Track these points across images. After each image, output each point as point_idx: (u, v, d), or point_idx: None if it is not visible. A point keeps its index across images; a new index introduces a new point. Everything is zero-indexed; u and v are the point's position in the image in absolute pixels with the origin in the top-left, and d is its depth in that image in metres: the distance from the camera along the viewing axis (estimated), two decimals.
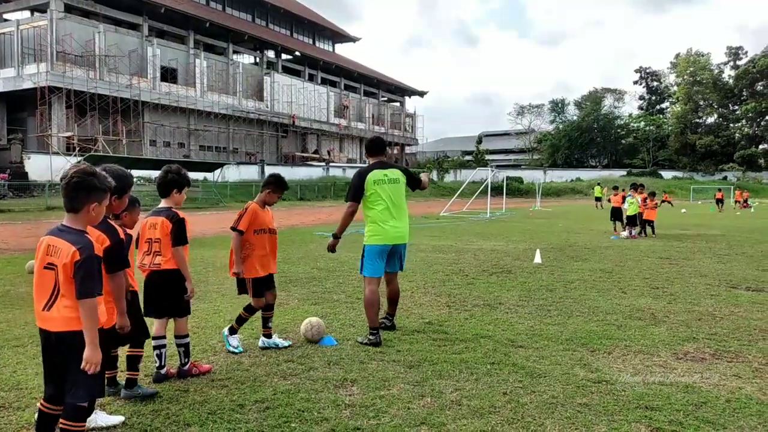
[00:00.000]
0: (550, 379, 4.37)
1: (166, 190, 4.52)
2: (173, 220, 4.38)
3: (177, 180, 4.53)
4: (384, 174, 5.57)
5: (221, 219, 24.33)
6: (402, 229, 5.60)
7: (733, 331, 5.86)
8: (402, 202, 5.63)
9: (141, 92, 47.81)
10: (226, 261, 10.62)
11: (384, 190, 5.52)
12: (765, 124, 78.56)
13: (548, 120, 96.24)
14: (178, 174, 4.56)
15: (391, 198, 5.54)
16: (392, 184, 5.58)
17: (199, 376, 4.48)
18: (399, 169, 5.73)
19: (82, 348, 2.86)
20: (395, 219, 5.54)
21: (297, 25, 74.95)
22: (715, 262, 11.28)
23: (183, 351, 4.54)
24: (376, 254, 5.51)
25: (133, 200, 4.07)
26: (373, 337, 5.29)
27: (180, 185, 4.55)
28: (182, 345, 4.53)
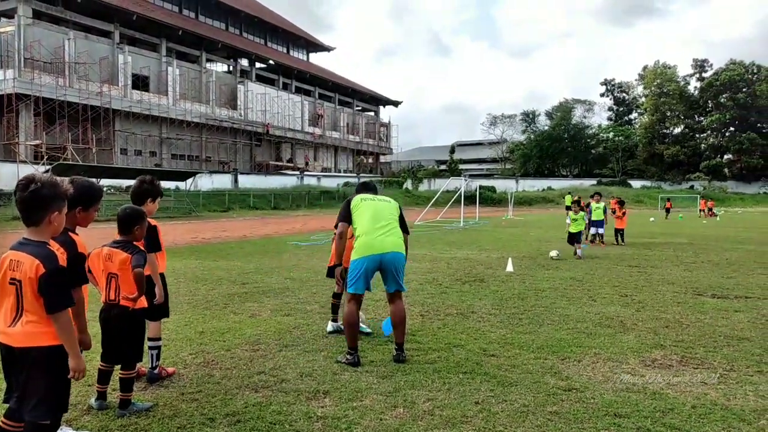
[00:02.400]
0: (521, 388, 4.42)
1: (141, 199, 4.62)
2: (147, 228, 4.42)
3: (151, 190, 4.69)
4: (372, 196, 5.44)
5: (193, 229, 24.05)
6: (384, 239, 5.14)
7: (699, 338, 5.99)
8: (390, 218, 5.26)
9: (112, 100, 47.16)
10: (198, 272, 10.57)
11: (370, 206, 5.27)
12: (729, 135, 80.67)
13: (520, 130, 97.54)
14: (152, 184, 4.73)
15: (378, 212, 5.24)
16: (381, 202, 5.36)
17: (168, 387, 4.44)
18: (391, 199, 5.52)
19: (45, 364, 2.81)
20: (381, 230, 5.15)
21: (271, 34, 74.83)
22: (682, 270, 11.52)
23: (155, 354, 4.61)
24: (359, 269, 5.12)
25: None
26: (351, 357, 5.05)
27: (154, 195, 4.71)
28: (155, 348, 4.61)
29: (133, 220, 4.14)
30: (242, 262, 12.19)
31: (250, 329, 6.28)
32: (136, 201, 4.59)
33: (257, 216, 38.22)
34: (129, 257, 3.94)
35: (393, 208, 5.37)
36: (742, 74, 78.10)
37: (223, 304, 7.76)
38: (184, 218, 33.00)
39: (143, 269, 3.98)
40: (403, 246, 5.30)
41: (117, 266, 3.96)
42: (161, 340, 4.73)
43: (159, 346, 4.66)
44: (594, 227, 17.30)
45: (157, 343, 4.64)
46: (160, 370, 4.66)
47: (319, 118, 74.32)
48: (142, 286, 3.98)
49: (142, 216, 4.20)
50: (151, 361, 4.63)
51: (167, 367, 4.83)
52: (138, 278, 3.94)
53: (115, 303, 3.99)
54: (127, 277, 3.96)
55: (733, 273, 11.04)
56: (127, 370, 4.03)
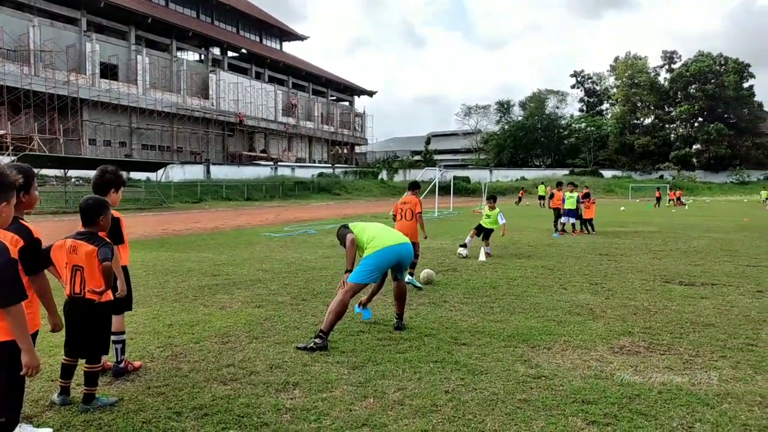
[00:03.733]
0: (491, 376, 4.43)
1: (104, 190, 4.51)
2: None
3: (114, 180, 4.58)
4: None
5: (164, 221, 23.69)
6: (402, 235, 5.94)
7: (666, 325, 6.09)
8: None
9: (79, 89, 46.06)
10: (168, 264, 10.40)
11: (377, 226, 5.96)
12: (698, 125, 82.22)
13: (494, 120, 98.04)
14: (115, 174, 4.62)
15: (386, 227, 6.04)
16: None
17: (134, 381, 4.35)
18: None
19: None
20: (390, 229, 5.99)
21: (243, 23, 73.81)
22: (650, 258, 11.72)
23: (120, 348, 4.53)
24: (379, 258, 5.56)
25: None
26: (320, 341, 5.13)
27: (117, 185, 4.60)
28: (119, 342, 4.53)
29: (97, 210, 4.03)
30: (213, 254, 12.03)
31: (220, 321, 6.19)
32: (99, 191, 4.46)
33: (230, 207, 37.83)
34: (95, 249, 3.84)
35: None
36: (710, 66, 79.57)
37: (193, 296, 7.64)
38: (155, 210, 32.50)
39: (111, 262, 3.88)
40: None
41: (83, 259, 3.85)
42: (125, 334, 4.64)
43: (123, 340, 4.57)
44: (566, 216, 17.49)
45: (122, 336, 4.55)
46: (126, 363, 4.58)
47: (293, 107, 73.67)
48: (109, 279, 3.88)
49: (106, 205, 4.09)
50: (116, 355, 4.54)
51: (134, 360, 4.74)
52: (106, 271, 3.84)
53: (80, 296, 3.89)
54: (93, 269, 3.86)
55: (700, 261, 11.26)
56: (92, 364, 3.93)
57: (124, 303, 4.50)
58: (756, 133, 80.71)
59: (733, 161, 78.87)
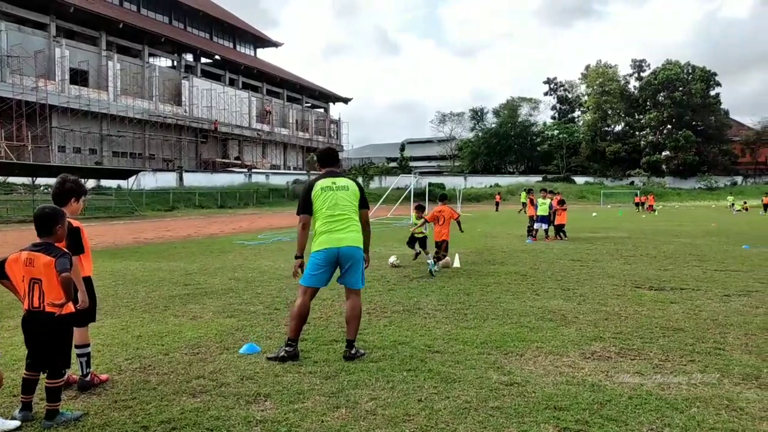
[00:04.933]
0: (464, 384, 4.42)
1: (65, 199, 4.40)
2: (68, 229, 4.21)
3: (75, 189, 4.47)
4: (332, 181, 5.28)
5: (135, 229, 23.33)
6: (342, 233, 5.14)
7: (637, 330, 6.16)
8: (347, 208, 5.22)
9: (48, 95, 45.23)
10: (138, 274, 10.22)
11: (328, 198, 5.19)
12: (666, 132, 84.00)
13: (468, 128, 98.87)
14: (76, 183, 4.53)
15: (336, 203, 5.18)
16: (337, 191, 5.24)
17: (100, 395, 4.25)
18: (351, 180, 5.40)
19: None
20: (336, 222, 5.15)
21: (217, 29, 73.31)
22: (621, 263, 11.88)
23: (84, 361, 4.41)
24: (316, 262, 5.14)
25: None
26: (290, 349, 5.02)
27: (78, 194, 4.49)
28: (83, 355, 4.40)
29: (52, 219, 3.92)
30: (185, 263, 11.86)
31: (191, 332, 6.09)
32: (60, 201, 4.35)
33: (203, 215, 37.42)
34: (53, 260, 3.74)
35: (351, 196, 5.27)
36: (678, 74, 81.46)
37: (163, 306, 7.51)
38: (126, 218, 31.98)
39: (70, 273, 3.79)
40: (360, 240, 5.25)
41: (40, 271, 3.75)
42: (90, 346, 4.51)
43: (88, 353, 4.45)
44: (539, 223, 17.66)
45: (86, 349, 4.43)
46: (92, 377, 4.46)
47: (267, 114, 73.30)
48: (69, 290, 3.78)
49: (62, 214, 4.00)
50: (81, 368, 4.42)
51: (100, 373, 4.63)
52: (65, 283, 3.74)
53: (39, 310, 3.78)
54: (52, 281, 3.75)
55: (669, 265, 11.45)
56: (53, 378, 3.82)
57: (88, 315, 4.38)
58: (723, 140, 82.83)
59: (701, 167, 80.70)
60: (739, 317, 6.73)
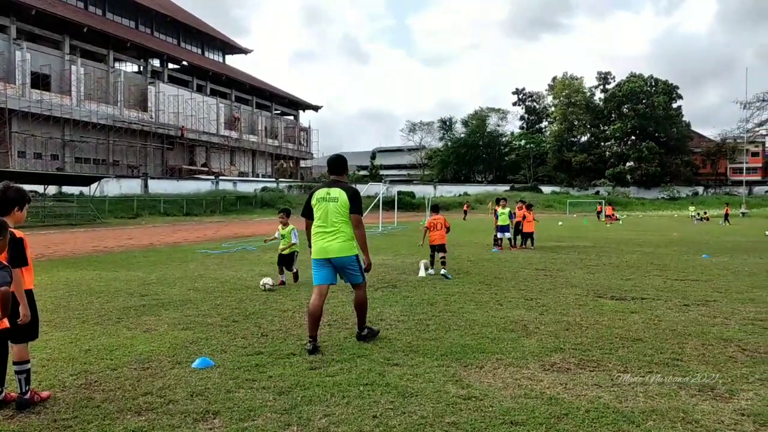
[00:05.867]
0: (421, 398, 4.33)
1: (7, 208, 4.20)
2: (10, 240, 4.00)
3: (17, 197, 4.26)
4: (327, 192, 5.86)
5: (96, 237, 22.73)
6: (325, 244, 5.78)
7: (597, 341, 6.16)
8: (336, 219, 5.77)
9: (8, 99, 44.03)
10: (94, 284, 9.88)
11: (321, 209, 5.83)
12: (630, 143, 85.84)
13: (438, 137, 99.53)
14: (19, 191, 4.31)
15: (326, 215, 5.79)
16: (329, 201, 5.81)
17: (40, 413, 4.03)
18: (344, 190, 5.83)
19: None
20: (325, 234, 5.80)
21: (185, 34, 72.47)
22: (585, 272, 11.97)
23: (24, 378, 4.19)
24: (314, 265, 5.93)
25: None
26: (309, 345, 5.65)
27: (21, 202, 4.29)
28: (22, 372, 4.19)
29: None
30: (144, 273, 11.54)
31: (143, 345, 5.87)
32: (2, 211, 4.14)
33: (167, 223, 36.73)
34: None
35: (341, 206, 5.79)
36: (641, 86, 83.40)
37: (116, 318, 7.25)
38: (88, 226, 31.18)
39: (9, 287, 3.59)
40: (348, 248, 5.83)
41: None
42: (29, 363, 4.28)
43: (27, 370, 4.22)
44: (501, 232, 17.72)
45: (25, 366, 4.20)
46: (32, 394, 4.23)
47: (236, 121, 72.60)
48: (7, 306, 3.58)
49: (4, 226, 3.79)
50: (19, 386, 4.19)
51: (41, 391, 4.40)
52: (4, 298, 3.54)
53: None
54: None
55: (631, 275, 11.57)
56: None
57: (28, 331, 4.17)
58: (684, 151, 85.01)
59: (664, 178, 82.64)
60: (697, 327, 6.79)
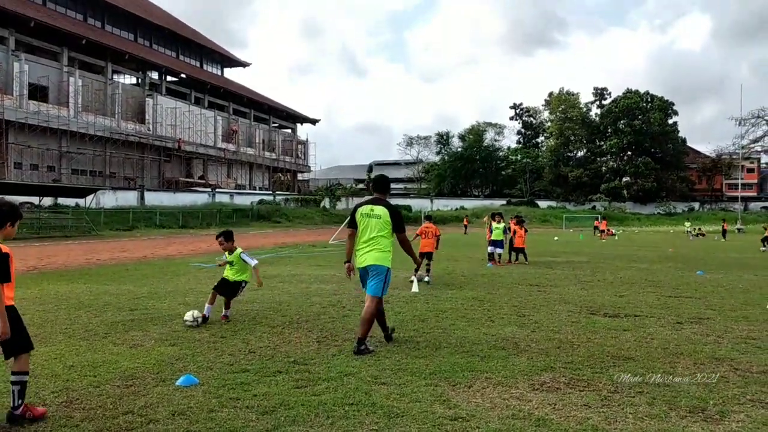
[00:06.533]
0: (407, 419, 4.25)
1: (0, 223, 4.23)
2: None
3: (10, 213, 4.29)
4: (371, 209, 6.54)
5: (90, 249, 22.62)
6: (364, 255, 6.48)
7: (588, 359, 6.09)
8: (375, 234, 6.46)
9: (5, 110, 44.04)
10: (83, 298, 9.79)
11: (363, 223, 6.53)
12: (626, 158, 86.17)
13: (435, 151, 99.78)
14: (12, 207, 4.35)
15: (366, 228, 6.50)
16: (372, 218, 6.48)
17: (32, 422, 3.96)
18: (387, 208, 6.53)
19: None
20: (365, 246, 6.49)
21: (183, 47, 72.76)
22: (579, 288, 11.92)
23: (18, 390, 4.17)
24: (360, 276, 6.64)
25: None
26: (360, 346, 6.19)
27: (14, 218, 4.31)
28: (17, 383, 4.18)
29: None
30: (135, 286, 11.45)
31: (128, 362, 5.79)
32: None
33: (163, 235, 36.61)
34: None
35: (383, 223, 6.47)
36: (637, 102, 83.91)
37: (103, 333, 7.17)
38: (82, 238, 31.05)
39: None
40: (383, 259, 6.46)
41: None
42: (27, 376, 4.29)
43: (22, 382, 4.21)
44: (493, 247, 17.67)
45: (21, 378, 4.21)
46: (24, 409, 4.17)
47: (234, 134, 72.71)
48: None
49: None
50: (12, 398, 4.18)
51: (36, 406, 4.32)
52: None
53: None
54: None
55: (625, 291, 11.52)
56: None
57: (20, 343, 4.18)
58: (680, 167, 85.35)
59: (660, 193, 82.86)
60: (690, 346, 6.73)
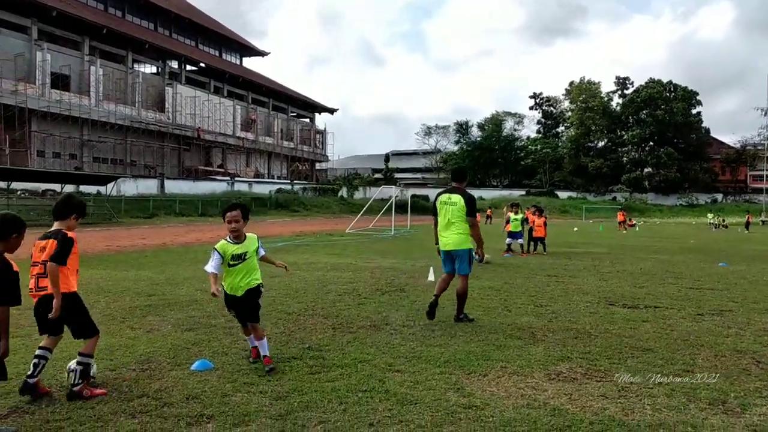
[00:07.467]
0: (420, 406, 4.22)
1: (66, 213, 4.54)
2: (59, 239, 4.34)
3: (79, 205, 4.67)
4: (448, 197, 7.33)
5: (111, 236, 22.90)
6: (446, 239, 7.29)
7: (606, 350, 6.00)
8: (454, 219, 7.20)
9: (28, 99, 44.59)
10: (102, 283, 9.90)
11: (441, 210, 7.35)
12: (648, 149, 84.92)
13: (453, 140, 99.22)
14: (80, 200, 4.80)
15: (446, 215, 7.27)
16: (450, 205, 7.25)
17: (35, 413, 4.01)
18: (462, 195, 7.24)
19: None
20: (445, 231, 7.31)
21: (203, 36, 73.02)
22: (597, 279, 11.77)
23: (81, 370, 4.36)
24: (442, 257, 7.49)
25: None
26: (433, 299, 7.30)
27: (81, 212, 4.65)
28: (82, 364, 4.38)
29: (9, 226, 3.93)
30: (153, 272, 11.55)
31: (144, 346, 5.83)
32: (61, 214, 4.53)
33: (182, 223, 36.96)
34: None
35: (459, 209, 7.20)
36: (660, 92, 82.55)
37: (121, 318, 7.24)
38: (103, 225, 31.45)
39: None
40: (463, 242, 7.21)
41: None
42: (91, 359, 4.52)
43: (86, 363, 4.42)
44: (512, 238, 17.54)
45: (85, 359, 4.42)
46: (83, 388, 4.32)
47: (252, 123, 72.97)
48: None
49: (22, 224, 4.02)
50: (73, 377, 4.37)
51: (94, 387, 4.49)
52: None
53: None
54: None
55: (645, 282, 11.35)
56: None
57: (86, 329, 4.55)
58: (704, 157, 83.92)
59: (682, 184, 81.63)
60: (710, 337, 6.60)
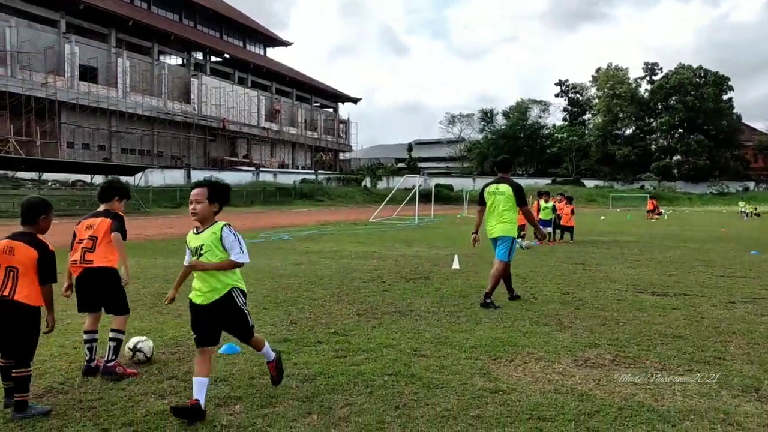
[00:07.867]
0: (446, 390, 4.22)
1: (109, 196, 4.87)
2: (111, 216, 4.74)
3: (121, 188, 5.02)
4: (496, 187, 7.60)
5: (139, 225, 23.28)
6: (492, 228, 7.60)
7: (635, 336, 5.92)
8: (501, 208, 7.50)
9: (57, 91, 45.38)
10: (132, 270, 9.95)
11: (490, 199, 7.61)
12: (678, 136, 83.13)
13: (478, 129, 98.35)
14: (122, 184, 5.21)
15: (494, 204, 7.56)
16: (498, 195, 7.52)
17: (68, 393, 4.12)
18: (509, 185, 7.52)
19: None
20: (492, 219, 7.60)
21: (227, 28, 73.37)
22: (625, 267, 11.60)
23: (114, 346, 4.53)
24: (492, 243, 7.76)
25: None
26: (486, 299, 7.34)
27: (123, 194, 4.99)
28: (115, 340, 4.56)
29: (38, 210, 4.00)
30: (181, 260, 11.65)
31: (173, 330, 5.92)
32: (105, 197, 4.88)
33: None
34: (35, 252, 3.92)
35: (507, 199, 7.48)
36: (690, 78, 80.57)
37: (150, 303, 7.37)
38: (131, 214, 31.95)
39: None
40: (508, 230, 7.52)
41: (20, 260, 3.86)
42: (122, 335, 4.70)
43: (118, 340, 4.60)
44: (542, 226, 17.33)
45: (117, 335, 4.61)
46: (116, 365, 4.50)
47: (276, 113, 73.30)
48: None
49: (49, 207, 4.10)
50: (108, 352, 4.54)
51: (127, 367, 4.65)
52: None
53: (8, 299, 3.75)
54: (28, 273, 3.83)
55: (674, 270, 11.15)
56: (20, 368, 3.77)
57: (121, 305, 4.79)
58: (735, 145, 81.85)
59: (712, 172, 79.76)
60: (743, 325, 6.46)
